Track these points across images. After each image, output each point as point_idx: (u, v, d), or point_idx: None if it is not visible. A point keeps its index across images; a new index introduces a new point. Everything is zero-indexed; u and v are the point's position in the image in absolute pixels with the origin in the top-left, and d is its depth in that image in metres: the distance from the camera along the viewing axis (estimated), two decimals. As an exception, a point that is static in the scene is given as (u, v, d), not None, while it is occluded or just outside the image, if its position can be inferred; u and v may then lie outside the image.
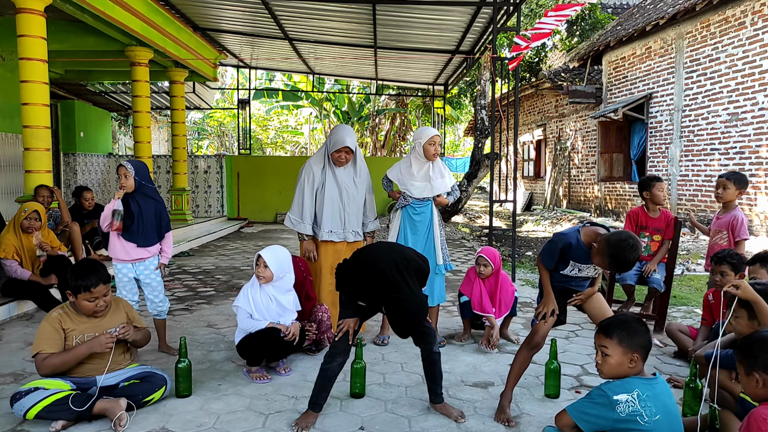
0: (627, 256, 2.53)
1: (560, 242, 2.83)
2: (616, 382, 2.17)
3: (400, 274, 2.63)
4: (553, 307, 2.92)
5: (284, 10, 9.13)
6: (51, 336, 2.92)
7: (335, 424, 2.85)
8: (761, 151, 9.17)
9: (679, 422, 2.18)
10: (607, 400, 2.12)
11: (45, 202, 5.76)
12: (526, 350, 2.99)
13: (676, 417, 2.17)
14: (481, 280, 4.21)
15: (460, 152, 34.05)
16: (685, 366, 3.71)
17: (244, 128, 15.80)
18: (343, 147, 3.93)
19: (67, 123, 12.80)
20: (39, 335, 2.93)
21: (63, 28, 8.08)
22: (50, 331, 2.93)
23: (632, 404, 2.08)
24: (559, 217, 14.03)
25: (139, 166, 3.80)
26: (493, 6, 7.23)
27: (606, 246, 2.59)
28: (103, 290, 2.98)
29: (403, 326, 2.67)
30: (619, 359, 2.20)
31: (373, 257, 2.79)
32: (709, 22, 10.29)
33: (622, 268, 2.62)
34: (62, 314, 2.99)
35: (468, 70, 12.68)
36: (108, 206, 3.70)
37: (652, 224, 4.60)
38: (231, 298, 5.64)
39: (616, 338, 2.20)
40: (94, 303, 2.96)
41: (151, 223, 3.80)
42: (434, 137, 4.08)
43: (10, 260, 4.77)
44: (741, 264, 3.60)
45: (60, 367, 2.89)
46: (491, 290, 4.22)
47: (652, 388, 2.14)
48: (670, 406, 2.15)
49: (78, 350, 2.91)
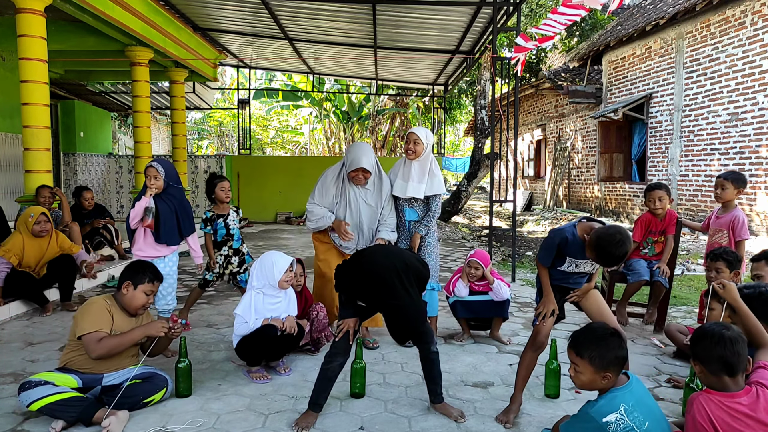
0: (613, 250, 2.52)
1: (557, 237, 2.83)
2: (600, 402, 2.19)
3: (399, 280, 2.62)
4: (552, 307, 2.92)
5: (284, 10, 9.12)
6: (106, 318, 2.97)
7: (335, 424, 2.85)
8: (761, 151, 9.17)
9: (664, 418, 2.24)
10: (596, 425, 2.14)
11: (46, 203, 5.76)
12: (531, 351, 2.98)
13: (660, 416, 2.23)
14: (471, 282, 4.22)
15: (460, 152, 34.06)
16: (685, 366, 3.70)
17: (244, 128, 15.79)
18: (359, 168, 3.82)
19: (67, 123, 12.81)
20: (92, 314, 2.94)
21: (63, 28, 8.08)
22: (103, 312, 2.98)
23: (622, 421, 2.11)
24: (559, 217, 14.03)
25: (169, 167, 3.94)
26: (493, 6, 7.23)
27: (595, 239, 2.60)
28: (158, 287, 3.17)
29: (401, 332, 2.68)
30: (591, 377, 2.24)
31: (372, 261, 2.77)
32: (709, 22, 10.29)
33: (609, 263, 2.63)
34: (109, 305, 3.06)
35: (468, 70, 12.67)
36: (140, 203, 3.79)
37: (660, 227, 4.61)
38: (231, 298, 5.65)
39: (587, 358, 2.23)
40: (148, 298, 3.10)
41: (174, 222, 3.93)
42: (408, 134, 4.03)
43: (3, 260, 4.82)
44: (737, 261, 3.61)
45: (115, 348, 2.93)
46: (482, 291, 4.21)
47: (632, 394, 2.18)
48: (651, 405, 2.21)
49: (134, 333, 2.98)
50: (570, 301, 3.06)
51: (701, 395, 2.14)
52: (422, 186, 4.01)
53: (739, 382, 2.13)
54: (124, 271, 3.14)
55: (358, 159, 3.80)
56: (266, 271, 3.49)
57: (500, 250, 9.13)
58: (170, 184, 3.92)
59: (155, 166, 3.82)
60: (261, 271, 3.51)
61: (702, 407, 2.09)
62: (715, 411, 2.07)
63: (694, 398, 2.15)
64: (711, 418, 2.06)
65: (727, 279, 3.49)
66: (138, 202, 3.80)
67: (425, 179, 4.02)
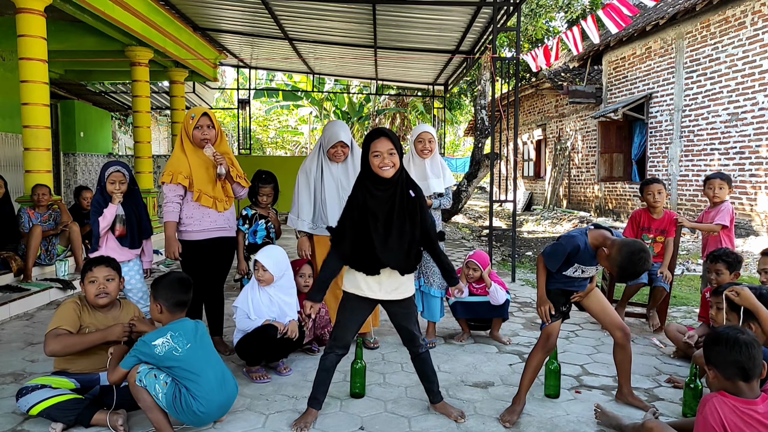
0: (638, 268, 2.58)
1: (569, 245, 2.80)
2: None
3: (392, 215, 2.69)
4: (547, 305, 2.92)
5: (284, 10, 9.12)
6: (70, 316, 2.95)
7: (335, 424, 2.85)
8: (761, 151, 9.17)
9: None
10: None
11: (43, 201, 5.76)
12: (541, 353, 2.98)
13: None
14: (469, 284, 4.21)
15: (460, 152, 34.06)
16: (685, 366, 3.70)
17: (244, 128, 15.80)
18: (338, 142, 3.87)
19: (67, 123, 12.80)
20: (58, 314, 2.96)
21: (63, 28, 8.07)
22: (70, 312, 2.97)
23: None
24: (559, 217, 14.03)
25: (130, 168, 3.81)
26: (493, 6, 7.23)
27: (618, 256, 2.60)
28: (104, 272, 3.04)
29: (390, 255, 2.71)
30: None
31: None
32: (709, 22, 10.29)
33: (628, 278, 2.65)
34: (78, 305, 3.04)
35: (468, 70, 12.68)
36: (109, 211, 3.65)
37: (654, 225, 4.59)
38: (231, 298, 5.64)
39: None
40: (95, 286, 3.00)
41: (136, 225, 3.81)
42: (422, 134, 4.04)
43: (174, 186, 3.74)
44: (737, 263, 3.60)
45: (68, 347, 2.88)
46: (480, 293, 4.21)
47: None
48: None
49: (91, 336, 2.93)
50: (573, 301, 3.07)
51: (716, 397, 2.10)
52: (440, 181, 4.10)
53: (755, 387, 2.09)
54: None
55: (336, 133, 3.86)
56: (276, 263, 3.52)
57: (500, 250, 9.13)
58: (131, 187, 3.78)
59: (122, 170, 3.67)
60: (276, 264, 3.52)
61: (715, 410, 2.06)
62: (728, 415, 2.03)
63: (708, 399, 2.11)
64: (723, 422, 2.02)
65: (727, 281, 3.48)
66: (107, 210, 3.65)
67: (441, 173, 4.10)
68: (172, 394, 2.62)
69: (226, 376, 2.82)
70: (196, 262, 3.81)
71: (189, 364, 2.66)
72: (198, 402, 2.62)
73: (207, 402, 2.64)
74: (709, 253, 3.76)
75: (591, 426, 2.85)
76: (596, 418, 2.86)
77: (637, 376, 3.41)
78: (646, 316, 4.72)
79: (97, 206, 3.68)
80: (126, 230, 3.72)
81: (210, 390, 2.66)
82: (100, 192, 3.70)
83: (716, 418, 2.04)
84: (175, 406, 2.62)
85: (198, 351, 2.72)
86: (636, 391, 3.17)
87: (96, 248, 3.73)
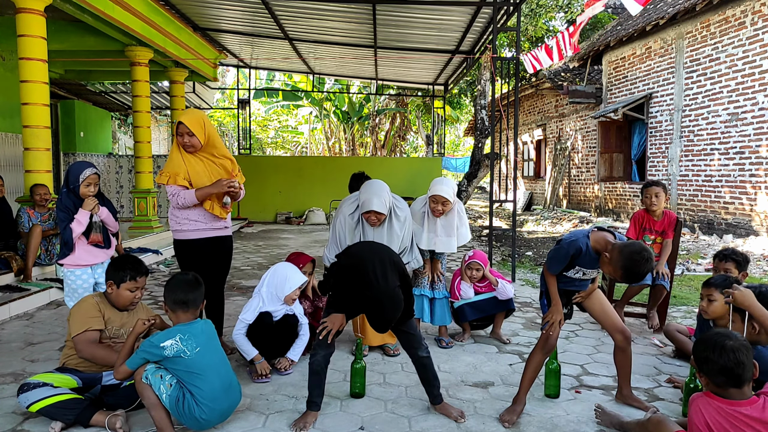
0: (640, 269, 2.56)
1: (571, 248, 2.79)
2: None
3: (378, 270, 2.58)
4: (560, 316, 2.92)
5: (284, 10, 9.13)
6: (96, 315, 2.97)
7: (335, 424, 2.85)
8: (761, 151, 9.17)
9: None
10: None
11: (43, 201, 5.76)
12: (541, 354, 2.98)
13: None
14: (473, 283, 4.22)
15: (460, 152, 34.06)
16: (685, 366, 3.70)
17: (244, 128, 15.80)
18: (370, 210, 3.37)
19: (67, 123, 12.80)
20: (82, 313, 2.95)
21: (63, 28, 8.08)
22: (94, 311, 2.97)
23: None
24: (559, 217, 14.04)
25: (99, 171, 3.78)
26: (493, 6, 7.23)
27: (620, 258, 2.59)
28: (144, 282, 3.12)
29: (378, 321, 2.60)
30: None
31: (353, 254, 2.77)
32: (709, 22, 10.29)
33: (634, 280, 2.64)
34: (99, 301, 3.05)
35: (468, 70, 12.68)
36: (82, 216, 3.56)
37: (656, 227, 4.61)
38: (231, 298, 5.64)
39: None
40: (134, 294, 3.06)
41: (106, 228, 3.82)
42: (435, 196, 3.80)
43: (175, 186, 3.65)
44: (745, 262, 3.61)
45: (99, 360, 2.92)
46: (485, 291, 4.22)
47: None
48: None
49: (122, 351, 2.81)
50: (574, 301, 3.07)
51: (701, 397, 2.12)
52: (452, 240, 3.90)
53: (746, 392, 2.09)
54: (107, 269, 3.14)
55: (368, 201, 3.36)
56: (278, 281, 3.52)
57: (500, 250, 9.13)
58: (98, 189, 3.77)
59: (97, 172, 3.62)
60: (272, 280, 3.54)
61: (699, 410, 2.08)
62: (713, 415, 2.05)
63: (694, 399, 2.14)
64: (707, 422, 2.05)
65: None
66: (79, 215, 3.57)
67: (454, 232, 3.92)
68: (175, 397, 2.62)
69: (233, 383, 2.79)
70: (195, 262, 3.80)
71: (196, 368, 2.64)
72: (201, 409, 2.61)
73: (210, 410, 2.63)
74: (718, 252, 3.77)
75: (591, 426, 2.85)
76: (597, 417, 2.86)
77: (637, 376, 3.41)
78: (646, 316, 4.72)
79: (67, 210, 3.56)
80: (102, 235, 3.73)
81: (214, 398, 2.64)
82: (68, 195, 3.59)
83: (700, 418, 2.06)
84: (177, 409, 2.62)
85: (207, 356, 2.69)
86: (636, 391, 3.17)
87: (67, 254, 3.64)
